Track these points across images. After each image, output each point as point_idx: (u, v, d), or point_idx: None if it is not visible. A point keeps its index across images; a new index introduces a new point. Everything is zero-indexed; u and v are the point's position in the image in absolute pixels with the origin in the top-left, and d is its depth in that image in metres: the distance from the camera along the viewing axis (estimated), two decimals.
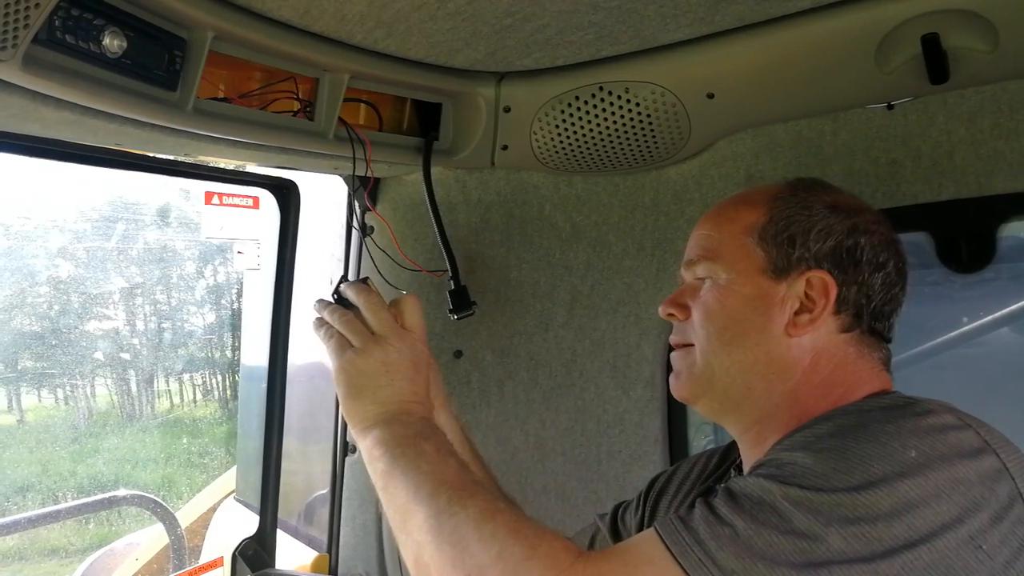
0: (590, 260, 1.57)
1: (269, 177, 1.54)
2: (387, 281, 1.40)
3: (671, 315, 0.94)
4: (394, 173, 1.55)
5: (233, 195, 1.66)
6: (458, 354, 1.62)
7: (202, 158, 1.40)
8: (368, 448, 0.89)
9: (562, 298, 1.59)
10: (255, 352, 1.76)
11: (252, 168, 1.52)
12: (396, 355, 0.94)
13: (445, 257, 1.44)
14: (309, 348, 1.68)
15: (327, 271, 1.67)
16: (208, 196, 1.69)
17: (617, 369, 1.57)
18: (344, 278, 1.09)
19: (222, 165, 1.49)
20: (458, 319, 1.44)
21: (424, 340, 0.99)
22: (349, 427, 0.94)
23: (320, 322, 1.00)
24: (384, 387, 0.92)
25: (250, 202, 1.69)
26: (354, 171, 1.28)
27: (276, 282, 1.58)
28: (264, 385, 1.62)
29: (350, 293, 1.00)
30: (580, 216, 1.56)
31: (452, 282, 1.45)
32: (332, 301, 1.03)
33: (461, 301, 1.44)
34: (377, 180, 1.58)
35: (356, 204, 1.53)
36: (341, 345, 0.95)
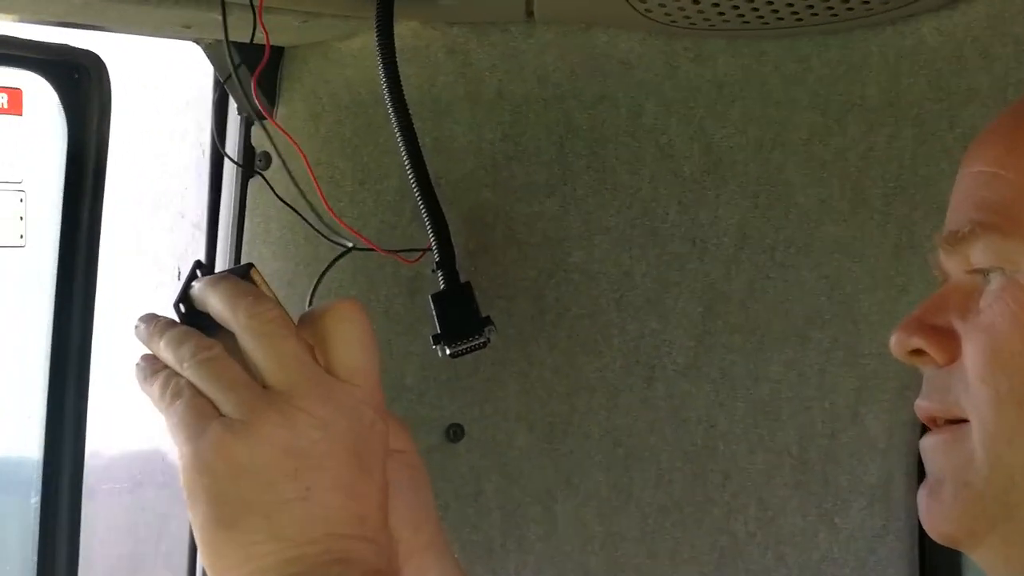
0: (746, 225, 1.59)
1: (44, 48, 1.56)
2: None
3: (917, 353, 0.95)
4: (315, 38, 1.58)
5: None
6: (454, 434, 1.64)
7: None
8: None
9: (684, 308, 1.61)
10: (13, 430, 1.78)
11: (6, 29, 1.54)
12: (316, 434, 0.95)
13: (428, 220, 1.46)
14: (133, 416, 1.70)
15: (171, 249, 1.69)
16: None
17: (809, 466, 1.59)
18: (200, 265, 1.10)
19: None
20: (454, 355, 1.45)
21: (377, 399, 1.00)
22: None
23: (151, 365, 1.01)
24: (291, 504, 0.93)
25: (2, 101, 1.71)
26: (227, 34, 1.31)
27: (60, 276, 1.61)
28: (35, 500, 1.64)
29: (215, 299, 1.01)
30: (724, 126, 1.58)
31: (441, 274, 1.46)
32: (177, 317, 1.05)
33: (460, 316, 1.46)
34: (277, 53, 1.61)
35: (233, 106, 1.55)
36: (198, 413, 0.95)
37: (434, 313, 1.45)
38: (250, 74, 1.50)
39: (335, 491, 0.94)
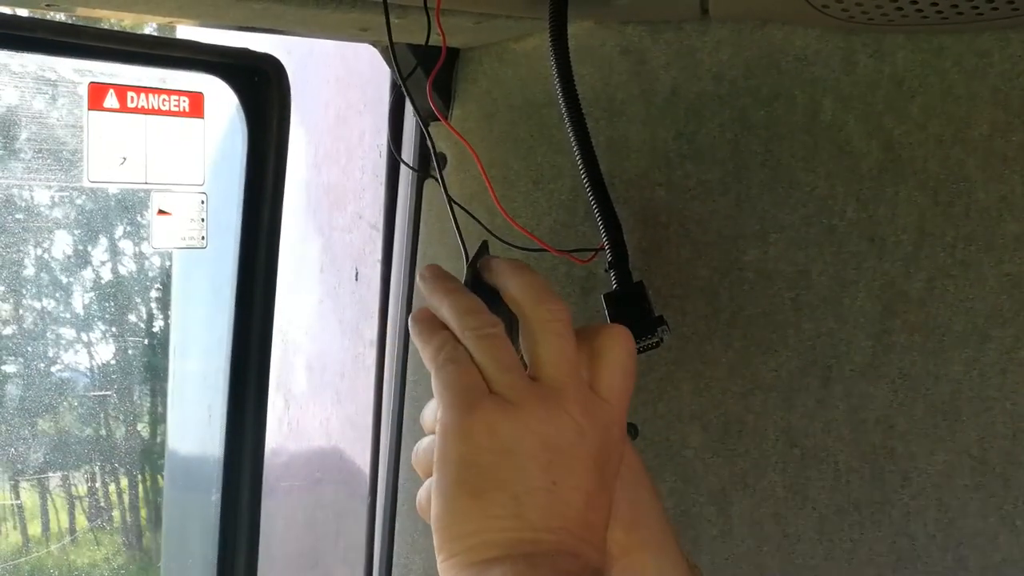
0: (925, 222, 1.56)
1: (225, 53, 1.58)
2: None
3: None
4: (488, 39, 1.59)
5: (149, 90, 1.70)
6: (629, 433, 1.63)
7: (84, 12, 1.45)
8: None
9: (861, 307, 1.59)
10: (195, 428, 1.80)
11: (188, 34, 1.55)
12: (573, 437, 1.00)
13: (600, 220, 1.45)
14: (310, 414, 1.71)
15: (348, 250, 1.70)
16: (97, 92, 1.74)
17: (990, 467, 1.56)
18: (485, 247, 1.17)
19: (126, 27, 1.53)
20: None
21: (623, 422, 1.06)
22: (439, 550, 1.00)
23: (432, 323, 1.06)
24: (538, 492, 0.98)
25: (184, 104, 1.73)
26: (391, 37, 1.31)
27: (241, 276, 1.62)
28: (216, 497, 1.66)
29: (518, 284, 1.06)
30: (903, 122, 1.55)
31: (613, 273, 1.45)
32: (468, 281, 1.11)
33: (634, 316, 1.44)
34: (452, 55, 1.61)
35: (411, 107, 1.55)
36: (471, 383, 1.01)
37: (607, 313, 1.44)
38: (425, 76, 1.51)
39: (577, 492, 0.99)
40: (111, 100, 1.68)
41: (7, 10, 1.38)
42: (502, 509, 0.96)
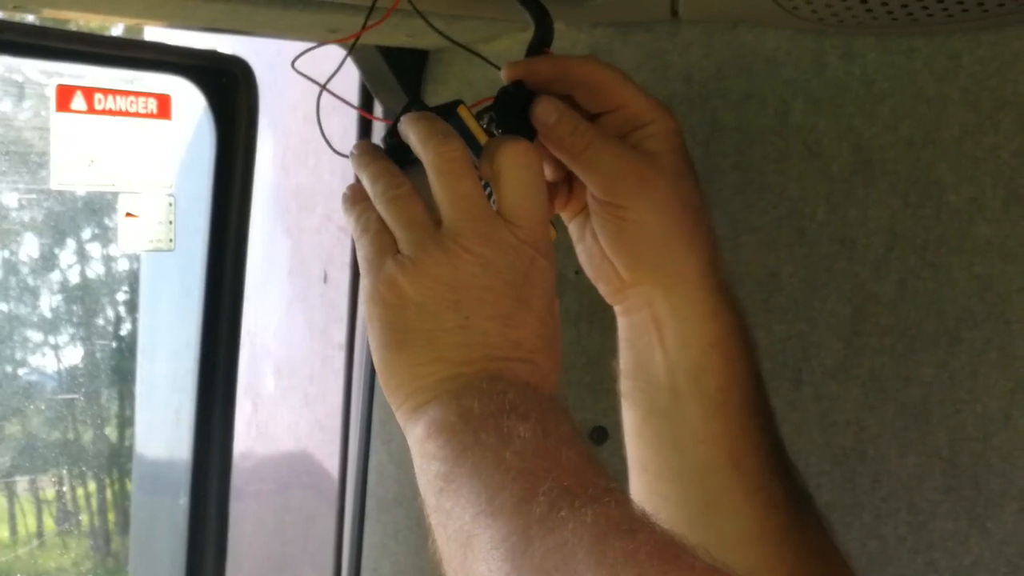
0: (896, 224, 1.55)
1: (193, 55, 1.56)
2: None
3: None
4: (459, 40, 1.55)
5: (117, 92, 1.69)
6: (598, 436, 1.64)
7: (51, 13, 1.44)
8: (419, 442, 1.02)
9: (832, 309, 1.59)
10: (163, 431, 1.78)
11: (156, 35, 1.54)
12: (476, 270, 1.05)
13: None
14: (279, 417, 1.70)
15: (317, 252, 1.69)
16: (64, 94, 1.72)
17: (960, 469, 1.55)
18: (414, 101, 1.18)
19: (94, 29, 1.52)
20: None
21: (536, 237, 1.08)
22: (393, 408, 1.07)
23: (355, 195, 1.12)
24: (451, 332, 1.04)
25: (151, 106, 1.71)
26: (354, 36, 1.29)
27: (209, 279, 1.61)
28: (184, 501, 1.65)
29: (413, 134, 1.08)
30: (873, 124, 1.55)
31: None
32: (385, 148, 1.14)
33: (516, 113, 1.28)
34: (421, 55, 1.60)
35: (379, 108, 1.53)
36: (380, 248, 1.07)
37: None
38: (394, 77, 1.49)
39: (492, 320, 1.05)
40: (78, 102, 1.67)
41: None
42: (422, 356, 1.04)
